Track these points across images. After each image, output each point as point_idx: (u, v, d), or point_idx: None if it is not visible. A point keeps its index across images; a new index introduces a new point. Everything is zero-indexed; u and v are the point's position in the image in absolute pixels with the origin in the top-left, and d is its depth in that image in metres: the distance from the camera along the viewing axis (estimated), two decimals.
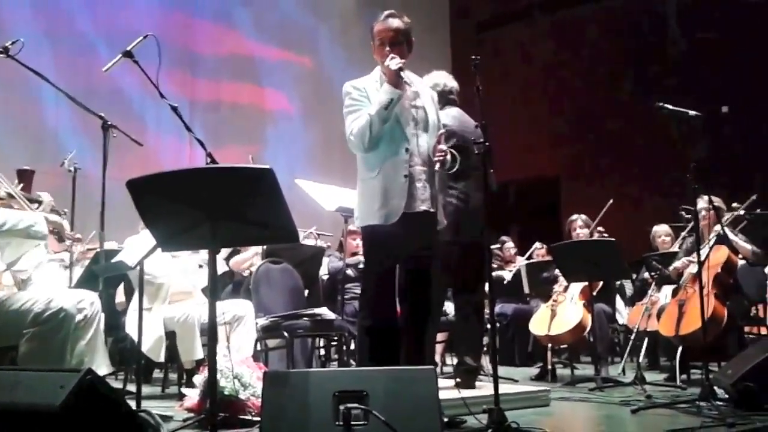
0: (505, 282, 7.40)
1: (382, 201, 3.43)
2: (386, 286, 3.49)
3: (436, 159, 3.43)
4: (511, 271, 7.62)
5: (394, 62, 3.40)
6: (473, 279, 4.42)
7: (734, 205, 5.48)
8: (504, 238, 8.23)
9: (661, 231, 6.82)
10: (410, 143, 3.46)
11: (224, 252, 5.93)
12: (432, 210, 3.53)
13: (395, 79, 3.41)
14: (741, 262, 5.33)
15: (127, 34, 3.74)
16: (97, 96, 6.75)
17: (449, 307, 4.89)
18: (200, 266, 5.00)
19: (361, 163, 3.55)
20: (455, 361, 4.40)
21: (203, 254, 4.83)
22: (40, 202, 3.63)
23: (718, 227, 5.18)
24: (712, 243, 5.14)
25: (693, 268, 5.14)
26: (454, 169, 3.57)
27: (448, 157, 3.48)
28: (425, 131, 3.55)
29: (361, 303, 3.73)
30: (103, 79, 6.19)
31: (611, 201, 6.52)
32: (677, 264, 5.48)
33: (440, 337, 5.68)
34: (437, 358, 6.00)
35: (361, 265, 4.27)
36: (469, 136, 4.26)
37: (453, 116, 4.28)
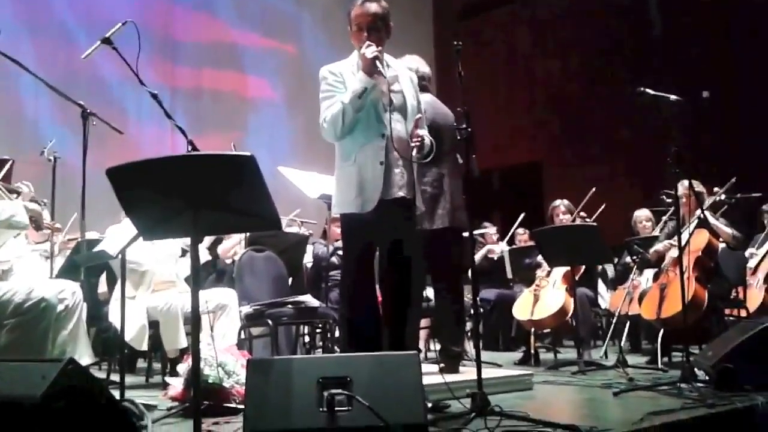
0: (495, 258, 7.42)
1: (358, 189, 3.39)
2: (365, 274, 3.47)
3: (413, 144, 3.40)
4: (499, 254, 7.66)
5: (369, 50, 3.36)
6: (451, 265, 4.43)
7: (715, 189, 5.52)
8: (486, 224, 8.25)
9: (642, 216, 6.86)
10: (387, 129, 3.40)
11: (207, 241, 5.91)
12: (409, 196, 3.50)
13: (370, 68, 3.37)
14: (722, 246, 5.38)
15: (107, 22, 3.69)
16: (77, 84, 6.71)
17: (431, 293, 4.90)
18: (183, 252, 4.98)
19: (338, 150, 3.52)
20: (439, 347, 4.42)
21: (186, 239, 4.82)
22: (19, 193, 3.60)
23: (698, 212, 5.21)
24: (692, 227, 5.18)
25: (674, 252, 5.19)
26: (431, 156, 3.54)
27: (427, 141, 3.44)
28: (404, 116, 3.52)
29: (341, 291, 3.71)
30: (83, 66, 6.16)
31: (594, 189, 6.56)
32: (658, 247, 5.52)
33: (424, 323, 5.69)
34: (421, 344, 6.02)
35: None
36: (442, 121, 4.25)
37: (426, 102, 4.16)
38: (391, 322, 3.50)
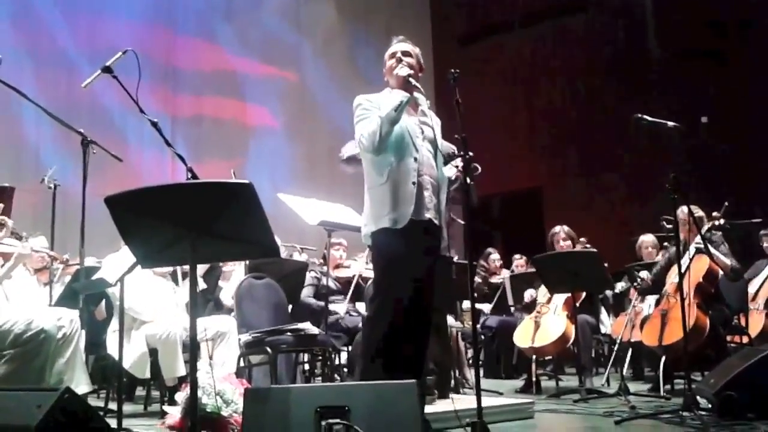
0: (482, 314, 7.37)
1: (391, 205, 3.45)
2: (400, 289, 3.40)
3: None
4: (497, 282, 7.63)
5: (403, 70, 3.57)
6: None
7: (714, 214, 5.51)
8: (489, 249, 8.26)
9: (648, 241, 6.80)
10: (419, 153, 3.54)
11: (201, 269, 5.88)
12: (436, 221, 3.56)
13: (404, 86, 3.55)
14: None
15: (108, 50, 3.73)
16: (77, 112, 6.75)
17: None
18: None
19: (371, 170, 3.58)
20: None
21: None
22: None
23: (698, 238, 5.19)
24: (692, 253, 5.16)
25: (674, 278, 5.17)
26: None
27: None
28: (433, 148, 3.64)
29: (372, 312, 3.53)
30: (84, 94, 6.17)
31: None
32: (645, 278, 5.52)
33: None
34: None
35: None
36: None
37: None
38: (412, 343, 3.43)
